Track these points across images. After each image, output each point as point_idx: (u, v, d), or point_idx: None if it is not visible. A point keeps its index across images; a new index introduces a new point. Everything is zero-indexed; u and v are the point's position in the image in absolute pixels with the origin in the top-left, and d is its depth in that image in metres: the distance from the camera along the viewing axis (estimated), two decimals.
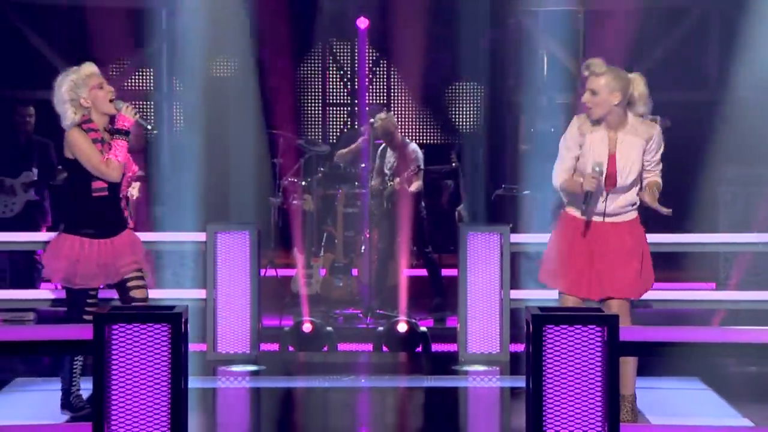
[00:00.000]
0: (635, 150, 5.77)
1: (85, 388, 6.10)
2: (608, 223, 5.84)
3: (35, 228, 9.64)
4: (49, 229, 9.83)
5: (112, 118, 6.08)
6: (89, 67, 6.07)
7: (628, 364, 5.77)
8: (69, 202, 6.11)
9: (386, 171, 9.80)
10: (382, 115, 9.75)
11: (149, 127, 6.23)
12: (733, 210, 9.77)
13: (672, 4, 11.80)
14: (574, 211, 5.89)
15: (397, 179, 9.62)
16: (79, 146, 5.97)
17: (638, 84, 5.85)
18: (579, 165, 5.83)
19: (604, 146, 5.79)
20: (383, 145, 9.86)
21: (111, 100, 6.04)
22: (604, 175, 5.78)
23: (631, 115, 5.85)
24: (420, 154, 9.76)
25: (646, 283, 5.90)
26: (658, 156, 5.87)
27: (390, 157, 9.82)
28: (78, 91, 6.00)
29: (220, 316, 7.74)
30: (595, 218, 5.85)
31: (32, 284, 9.73)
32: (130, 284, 6.09)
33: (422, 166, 9.72)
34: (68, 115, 6.02)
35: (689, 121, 11.64)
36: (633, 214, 5.89)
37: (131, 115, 6.04)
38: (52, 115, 6.19)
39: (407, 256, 9.59)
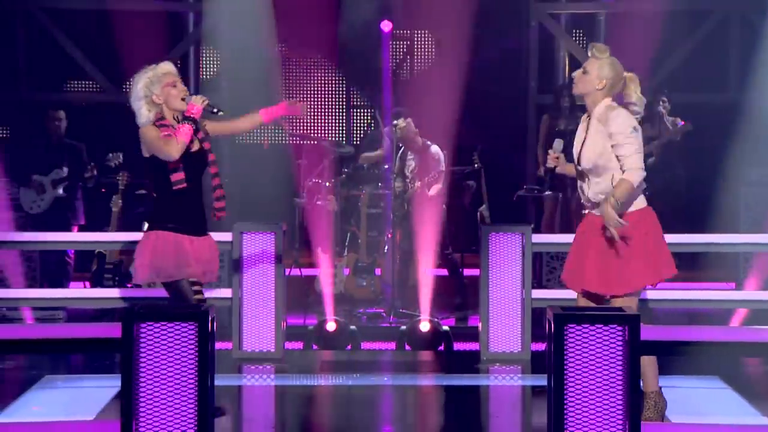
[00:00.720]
0: (597, 135, 5.81)
1: (114, 385, 6.19)
2: (599, 216, 5.84)
3: (66, 226, 9.77)
4: (81, 228, 9.95)
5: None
6: (165, 66, 6.14)
7: (648, 362, 5.82)
8: (152, 200, 6.22)
9: (407, 173, 9.86)
10: (401, 123, 9.76)
11: (215, 110, 6.13)
12: (754, 211, 9.80)
13: (693, 7, 11.81)
14: (587, 209, 6.01)
15: (418, 183, 9.67)
16: (149, 137, 6.01)
17: (630, 83, 5.88)
18: None
19: (581, 131, 5.94)
20: (402, 148, 9.90)
21: (183, 99, 6.08)
22: (556, 153, 5.97)
23: (607, 102, 5.85)
24: (442, 156, 9.79)
25: (622, 279, 5.78)
26: (619, 138, 5.75)
27: (411, 159, 9.87)
28: (152, 87, 6.05)
29: (245, 315, 7.83)
30: (587, 208, 5.95)
31: (62, 283, 9.85)
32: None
33: (443, 169, 9.77)
34: (143, 113, 6.06)
35: (711, 123, 11.67)
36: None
37: (199, 103, 6.07)
38: (82, 118, 6.25)
39: (431, 257, 9.65)
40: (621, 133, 5.77)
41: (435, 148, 9.81)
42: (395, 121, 9.80)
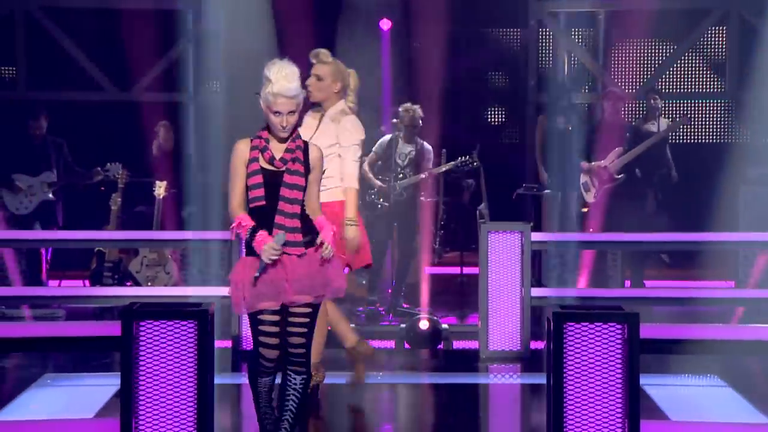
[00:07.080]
0: (327, 131, 6.21)
1: (114, 383, 6.18)
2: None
3: (45, 228, 9.73)
4: (58, 230, 9.89)
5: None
6: (280, 84, 5.07)
7: (337, 319, 6.50)
8: None
9: (399, 162, 9.81)
10: (409, 105, 9.78)
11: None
12: (753, 209, 9.80)
13: (692, 5, 11.82)
14: None
15: (425, 173, 9.69)
16: (232, 162, 5.26)
17: (353, 77, 6.32)
18: None
19: (313, 126, 6.28)
20: (389, 138, 9.87)
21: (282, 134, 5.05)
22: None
23: (342, 105, 6.26)
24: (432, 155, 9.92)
25: None
26: (345, 142, 6.19)
27: (405, 150, 9.82)
28: (263, 94, 5.11)
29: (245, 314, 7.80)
30: None
31: (40, 281, 9.81)
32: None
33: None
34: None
35: (710, 120, 11.68)
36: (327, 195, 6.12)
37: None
38: (76, 116, 6.16)
39: (428, 254, 9.64)
40: (347, 140, 6.18)
41: (428, 145, 9.85)
42: (404, 104, 9.78)
